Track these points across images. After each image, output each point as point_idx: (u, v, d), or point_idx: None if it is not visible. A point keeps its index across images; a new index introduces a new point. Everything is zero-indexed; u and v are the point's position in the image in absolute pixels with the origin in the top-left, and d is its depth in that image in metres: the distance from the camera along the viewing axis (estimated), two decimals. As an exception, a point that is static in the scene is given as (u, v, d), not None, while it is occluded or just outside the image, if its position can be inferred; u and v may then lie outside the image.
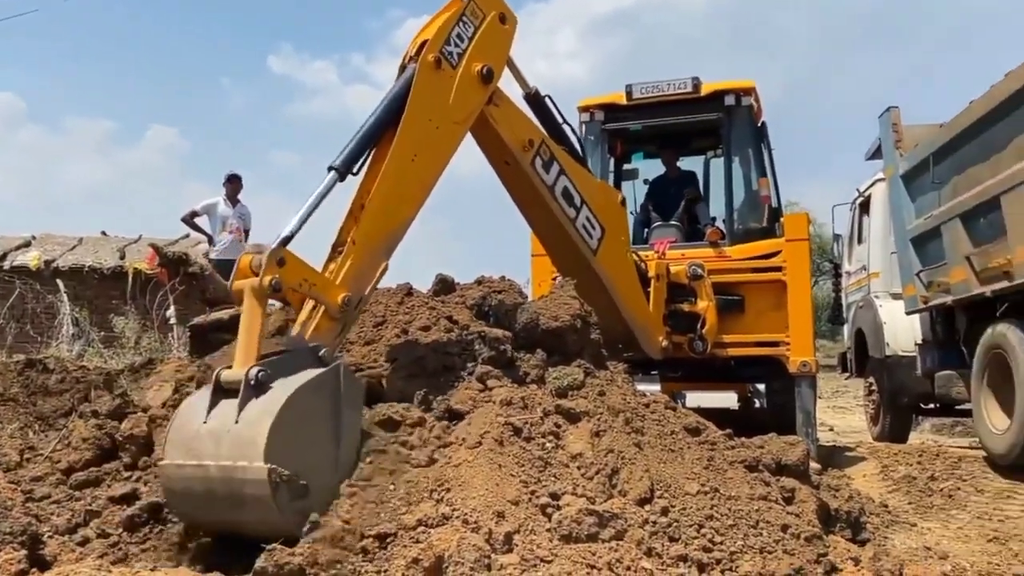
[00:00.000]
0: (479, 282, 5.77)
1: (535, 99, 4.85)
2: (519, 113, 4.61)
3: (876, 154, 9.78)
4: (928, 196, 7.79)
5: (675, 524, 3.38)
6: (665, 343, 6.18)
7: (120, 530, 3.48)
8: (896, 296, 9.26)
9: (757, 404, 10.01)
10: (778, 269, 6.82)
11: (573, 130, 5.18)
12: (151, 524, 3.52)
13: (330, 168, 3.70)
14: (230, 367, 3.27)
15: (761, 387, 10.00)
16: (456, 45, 4.02)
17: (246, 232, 9.71)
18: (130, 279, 12.08)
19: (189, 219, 9.66)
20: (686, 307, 6.58)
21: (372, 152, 3.83)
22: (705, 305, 6.61)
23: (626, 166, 8.84)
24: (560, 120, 5.00)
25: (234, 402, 3.13)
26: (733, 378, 8.32)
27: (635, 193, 8.85)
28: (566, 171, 4.82)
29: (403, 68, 4.01)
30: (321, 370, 3.29)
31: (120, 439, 4.07)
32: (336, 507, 3.13)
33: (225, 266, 8.49)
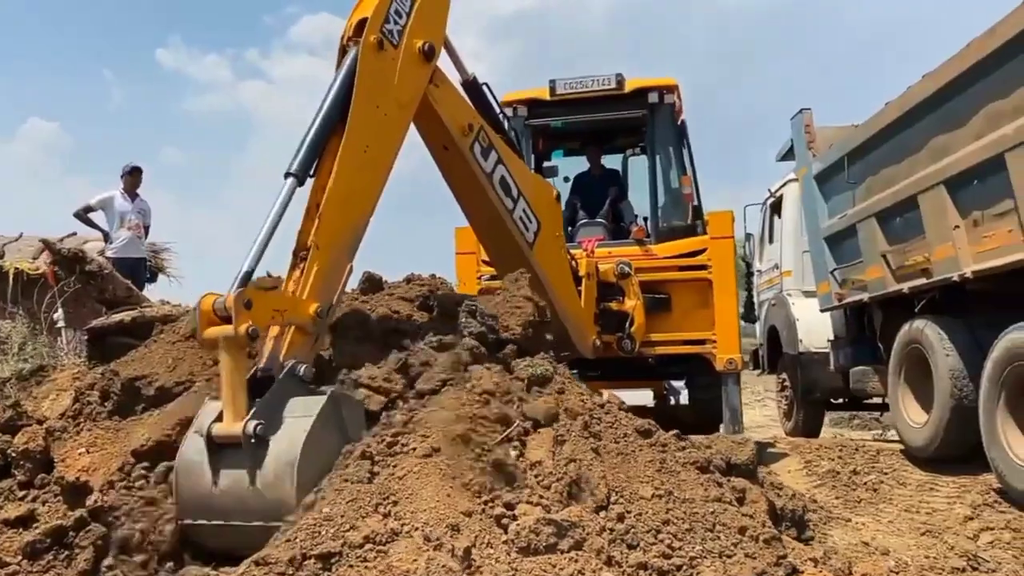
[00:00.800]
0: (409, 280, 5.51)
1: (473, 86, 4.66)
2: (459, 95, 4.43)
3: (788, 155, 9.99)
4: (842, 196, 7.97)
5: (632, 530, 3.23)
6: (597, 343, 6.07)
7: (19, 558, 3.07)
8: (808, 294, 9.48)
9: (673, 401, 10.12)
10: (704, 267, 6.83)
11: (508, 121, 5.01)
12: (55, 551, 3.13)
13: (287, 175, 3.45)
14: (219, 419, 3.16)
15: (676, 384, 10.12)
16: (395, 22, 3.77)
17: (146, 229, 9.10)
18: (11, 280, 11.15)
19: (83, 214, 8.96)
20: (614, 306, 6.51)
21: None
22: (633, 304, 6.55)
23: (546, 163, 8.72)
24: (498, 110, 4.82)
25: (239, 457, 3.09)
26: (652, 376, 8.35)
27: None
28: (504, 161, 4.66)
29: (343, 50, 3.74)
30: (317, 401, 3.18)
31: (13, 455, 3.63)
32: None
33: (123, 264, 7.91)
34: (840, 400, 9.69)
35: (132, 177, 9.03)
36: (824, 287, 8.52)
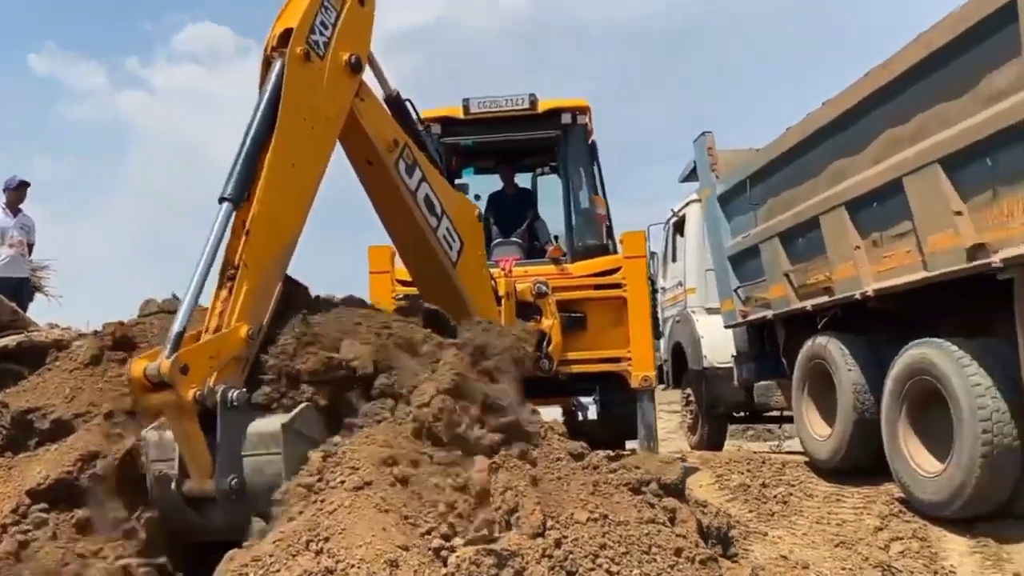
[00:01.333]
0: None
1: (396, 101, 4.54)
2: (384, 110, 4.32)
3: (690, 176, 10.26)
4: (744, 216, 8.24)
5: (570, 556, 3.17)
6: (516, 362, 6.01)
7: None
8: (712, 311, 9.73)
9: (581, 417, 10.18)
10: (618, 286, 6.89)
11: (431, 139, 4.93)
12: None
13: (221, 199, 3.27)
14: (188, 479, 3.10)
15: (585, 400, 10.20)
16: (321, 33, 3.64)
17: (30, 246, 8.51)
18: None
19: (-43, 233, 8.29)
20: (532, 325, 6.47)
21: None
22: (550, 323, 6.54)
23: (457, 181, 8.66)
24: (421, 127, 4.73)
25: (219, 509, 3.06)
26: (564, 393, 8.37)
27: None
28: (428, 178, 4.56)
29: (267, 62, 3.57)
30: (275, 436, 3.12)
31: None
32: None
33: (5, 285, 7.35)
34: (742, 414, 9.97)
35: (17, 192, 8.43)
36: (728, 305, 8.77)
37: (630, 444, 8.37)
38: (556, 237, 8.42)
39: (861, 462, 6.35)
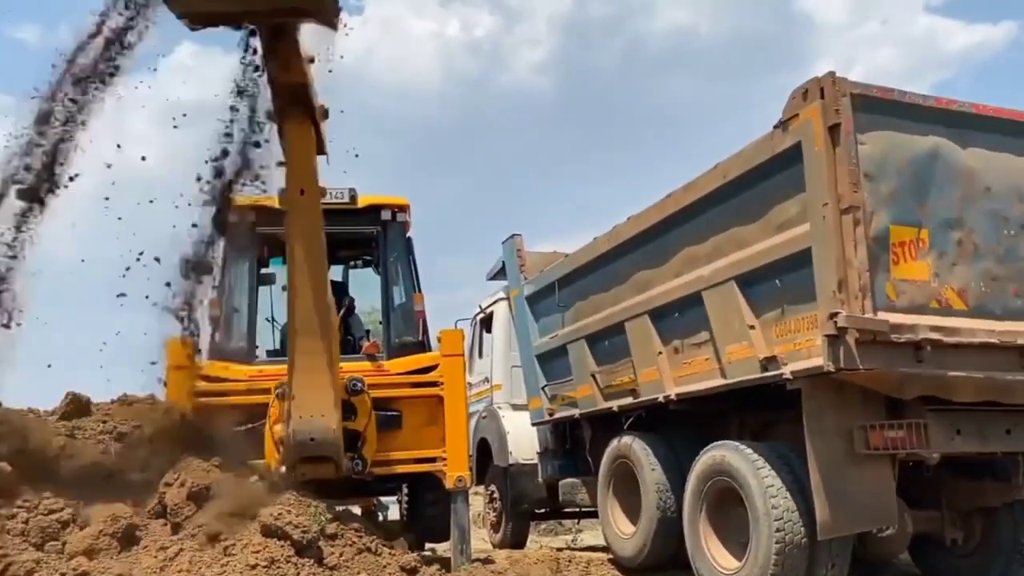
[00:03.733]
0: (122, 402, 4.93)
1: None
2: None
3: (499, 274, 10.56)
4: (553, 317, 8.57)
5: None
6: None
7: None
8: (518, 407, 9.89)
9: (381, 517, 9.89)
10: (436, 384, 6.87)
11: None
12: None
13: None
14: None
15: (386, 500, 9.94)
16: None
17: None
18: None
19: None
20: (348, 424, 6.27)
21: None
22: (365, 422, 6.38)
23: (263, 270, 8.37)
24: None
25: None
26: (366, 493, 8.12)
27: (272, 298, 8.43)
28: None
29: None
30: None
31: None
32: None
33: None
34: (544, 510, 10.10)
35: None
36: (536, 402, 8.98)
37: (431, 545, 8.24)
38: (368, 332, 8.31)
39: (663, 559, 6.64)
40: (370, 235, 7.57)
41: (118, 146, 5.09)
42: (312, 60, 4.97)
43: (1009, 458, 5.55)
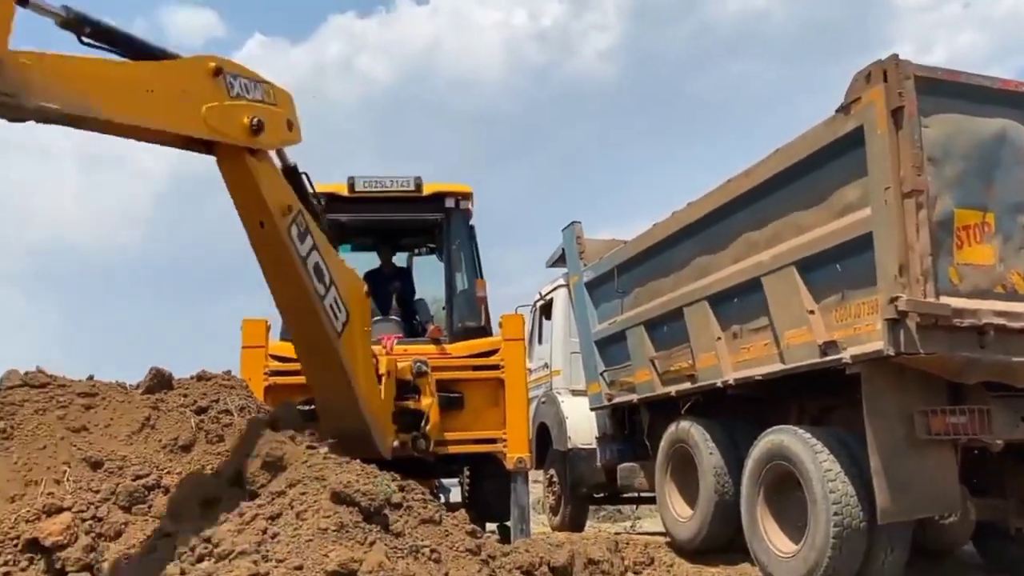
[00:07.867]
0: (200, 378, 5.20)
1: (293, 172, 4.65)
2: (280, 175, 4.42)
3: (559, 261, 10.66)
4: (611, 303, 8.64)
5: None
6: (395, 443, 6.01)
7: None
8: (577, 392, 10.02)
9: (443, 499, 10.12)
10: (497, 367, 7.04)
11: (325, 212, 5.05)
12: None
13: None
14: None
15: (447, 482, 10.15)
16: None
17: None
18: None
19: None
20: (411, 404, 6.49)
21: None
22: (429, 402, 6.58)
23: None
24: (316, 201, 4.84)
25: None
26: (431, 475, 8.33)
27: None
28: (319, 247, 4.65)
29: None
30: None
31: None
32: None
33: None
34: (602, 494, 10.21)
35: None
36: (594, 387, 9.07)
37: (491, 526, 8.41)
38: (432, 317, 8.52)
39: (721, 542, 6.68)
40: (434, 222, 7.76)
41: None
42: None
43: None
